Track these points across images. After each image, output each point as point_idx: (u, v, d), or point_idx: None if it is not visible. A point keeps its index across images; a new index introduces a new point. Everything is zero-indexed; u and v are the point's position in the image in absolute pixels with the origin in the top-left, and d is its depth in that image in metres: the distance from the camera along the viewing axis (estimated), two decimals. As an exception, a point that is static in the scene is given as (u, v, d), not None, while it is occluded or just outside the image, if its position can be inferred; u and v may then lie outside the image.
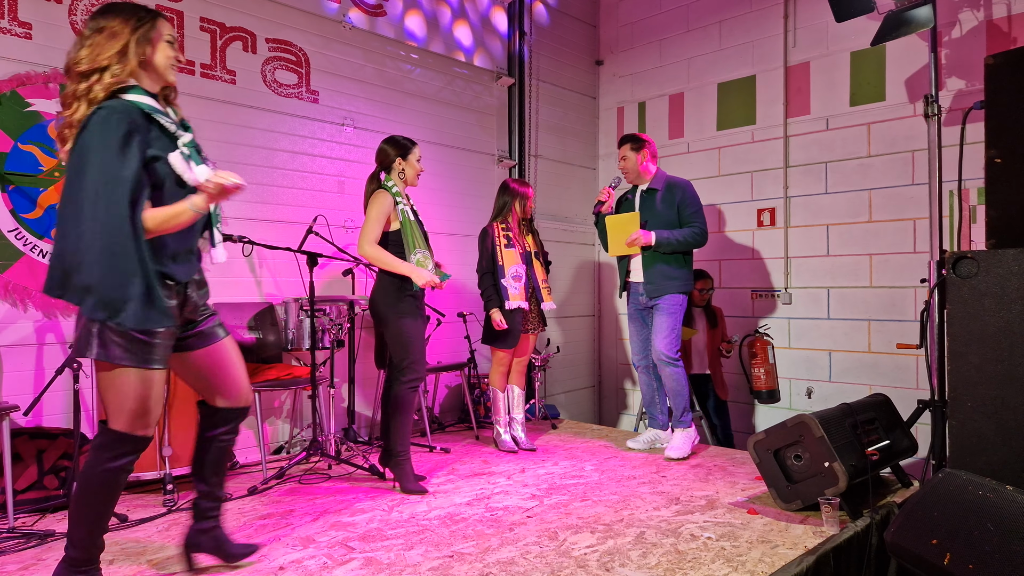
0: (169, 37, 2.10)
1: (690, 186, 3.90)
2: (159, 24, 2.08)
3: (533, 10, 5.70)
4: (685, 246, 3.78)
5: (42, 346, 3.28)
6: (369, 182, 3.31)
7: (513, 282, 3.86)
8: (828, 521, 2.61)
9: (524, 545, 2.48)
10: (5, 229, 3.17)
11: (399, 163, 3.26)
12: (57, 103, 3.32)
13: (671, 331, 3.74)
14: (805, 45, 4.96)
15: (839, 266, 4.78)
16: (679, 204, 3.82)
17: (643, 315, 3.94)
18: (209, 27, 3.85)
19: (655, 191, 3.87)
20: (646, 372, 3.99)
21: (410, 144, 3.32)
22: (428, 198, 4.91)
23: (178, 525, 2.75)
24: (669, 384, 3.79)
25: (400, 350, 3.16)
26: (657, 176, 3.92)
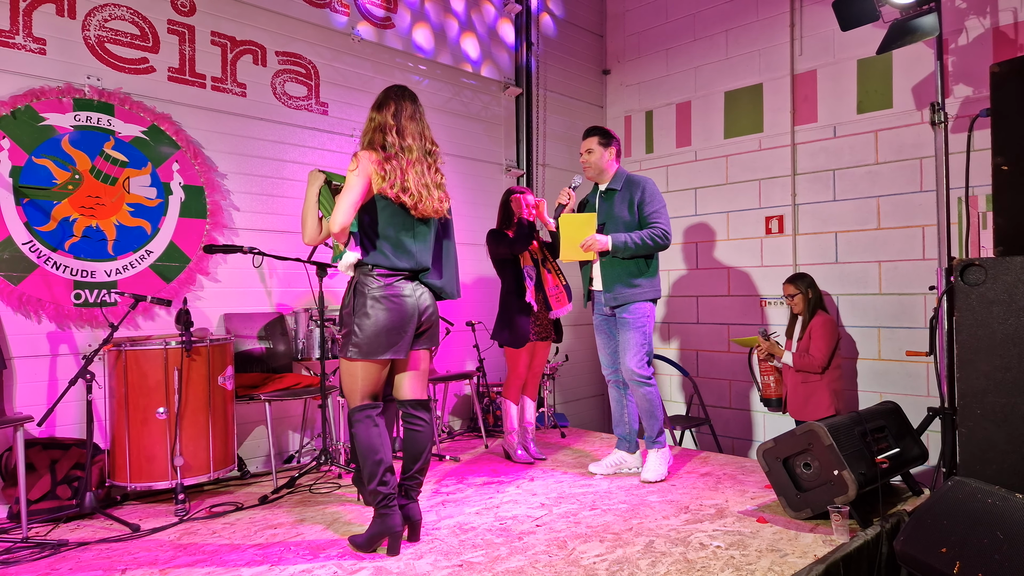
0: None
1: (650, 183, 3.56)
2: None
3: (540, 21, 5.74)
4: (645, 249, 3.43)
5: (55, 357, 3.31)
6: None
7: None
8: (838, 530, 2.60)
9: (533, 554, 2.49)
10: (20, 241, 3.22)
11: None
12: (71, 117, 3.37)
13: (640, 347, 3.44)
14: (812, 53, 4.97)
15: (848, 273, 4.77)
16: (638, 203, 3.49)
17: (608, 325, 3.63)
18: (220, 41, 3.90)
19: (614, 191, 3.56)
20: (616, 387, 3.69)
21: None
22: (436, 208, 4.94)
23: (190, 534, 2.77)
24: (642, 405, 3.49)
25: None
26: (618, 174, 3.60)
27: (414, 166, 2.56)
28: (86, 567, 2.47)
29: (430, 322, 2.67)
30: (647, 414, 3.52)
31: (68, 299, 3.34)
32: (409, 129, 2.60)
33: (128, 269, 3.54)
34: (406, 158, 2.56)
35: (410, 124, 2.61)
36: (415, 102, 2.68)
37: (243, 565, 2.44)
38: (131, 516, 2.99)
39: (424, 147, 2.63)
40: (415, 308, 2.59)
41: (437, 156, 2.68)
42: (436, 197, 2.61)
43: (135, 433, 3.13)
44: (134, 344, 3.16)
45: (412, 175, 2.54)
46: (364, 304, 2.50)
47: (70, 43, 3.40)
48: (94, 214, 3.43)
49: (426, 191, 2.57)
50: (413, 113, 2.64)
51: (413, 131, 2.61)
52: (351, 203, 2.47)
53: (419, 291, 2.62)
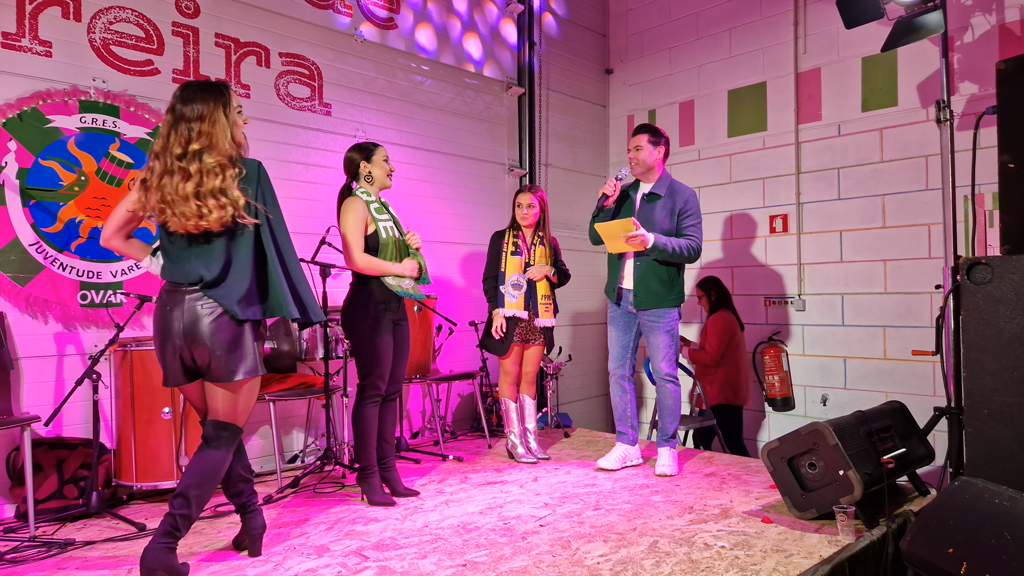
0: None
1: (694, 195, 3.65)
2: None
3: (542, 21, 5.75)
4: (677, 258, 3.52)
5: (62, 357, 3.33)
6: (340, 195, 3.25)
7: (512, 290, 3.83)
8: (843, 530, 2.59)
9: (537, 554, 2.48)
10: (27, 243, 3.24)
11: (364, 167, 3.19)
12: (77, 119, 3.39)
13: (670, 348, 3.59)
14: (815, 51, 4.95)
15: (853, 272, 4.75)
16: (680, 211, 3.57)
17: (627, 320, 3.69)
18: (224, 43, 3.92)
19: (657, 196, 3.61)
20: (622, 381, 3.74)
21: (373, 146, 3.24)
22: (439, 207, 4.95)
23: (196, 533, 2.78)
24: (667, 403, 3.62)
25: (366, 365, 3.12)
26: (662, 178, 3.66)
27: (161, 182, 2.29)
28: (92, 566, 2.48)
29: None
30: (670, 412, 3.64)
31: (75, 300, 3.36)
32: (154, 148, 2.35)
33: (133, 270, 3.55)
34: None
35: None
36: (170, 109, 2.34)
37: (248, 565, 2.45)
38: (137, 515, 3.00)
39: (172, 153, 2.29)
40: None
41: (193, 158, 2.27)
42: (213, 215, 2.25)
43: (141, 433, 3.15)
44: (140, 344, 3.18)
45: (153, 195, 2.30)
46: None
47: (76, 45, 3.42)
48: (100, 215, 3.45)
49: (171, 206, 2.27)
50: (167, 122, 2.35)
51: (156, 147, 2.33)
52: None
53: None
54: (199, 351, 2.28)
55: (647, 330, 3.63)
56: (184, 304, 2.29)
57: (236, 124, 2.39)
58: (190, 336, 2.28)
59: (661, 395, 3.66)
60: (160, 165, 2.28)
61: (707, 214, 5.50)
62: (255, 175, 2.38)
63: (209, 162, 2.27)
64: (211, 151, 2.28)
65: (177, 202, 2.25)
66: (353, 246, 3.06)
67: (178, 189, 2.25)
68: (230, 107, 2.36)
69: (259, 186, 2.39)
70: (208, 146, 2.28)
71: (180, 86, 2.37)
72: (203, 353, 2.28)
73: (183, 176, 2.25)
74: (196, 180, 2.25)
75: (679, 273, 3.65)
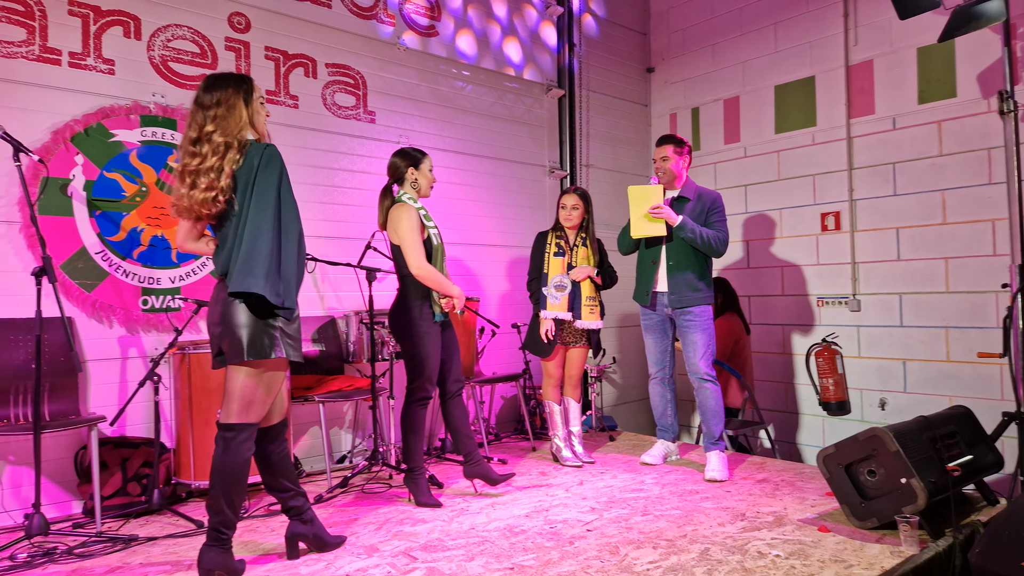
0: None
1: (720, 198, 3.84)
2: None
3: (582, 22, 5.73)
4: (704, 245, 3.65)
5: (125, 360, 3.48)
6: (382, 197, 3.28)
7: (555, 292, 3.81)
8: (906, 540, 2.49)
9: (585, 559, 2.47)
10: (93, 251, 3.39)
11: (411, 173, 3.23)
12: (139, 133, 3.54)
13: (707, 347, 3.65)
14: (867, 43, 4.80)
15: (912, 271, 4.58)
16: (708, 211, 3.74)
17: (664, 326, 3.84)
18: (273, 55, 4.03)
19: (686, 199, 3.77)
20: (661, 383, 3.91)
21: (421, 155, 3.29)
22: (481, 210, 4.98)
23: (251, 531, 2.86)
24: (709, 404, 3.67)
25: (416, 368, 3.16)
26: (688, 184, 3.83)
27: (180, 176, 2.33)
28: (155, 561, 2.58)
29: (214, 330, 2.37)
30: (713, 414, 3.67)
31: (136, 305, 3.50)
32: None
33: (190, 276, 3.68)
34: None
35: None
36: (194, 99, 2.37)
37: (300, 563, 2.50)
38: (195, 513, 3.10)
39: (188, 138, 2.33)
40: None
41: (204, 140, 2.28)
42: (190, 196, 2.25)
43: (198, 433, 3.26)
44: (196, 348, 3.29)
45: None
46: None
47: (137, 63, 3.57)
48: (159, 224, 3.59)
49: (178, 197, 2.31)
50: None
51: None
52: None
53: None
54: (219, 334, 2.33)
55: (684, 330, 3.71)
56: (216, 292, 2.38)
57: (257, 113, 2.41)
58: (214, 320, 2.34)
59: (702, 396, 3.69)
60: (182, 153, 2.34)
61: (754, 212, 5.40)
62: (256, 159, 2.30)
63: (218, 140, 2.27)
64: (220, 133, 2.29)
65: (178, 184, 2.29)
66: (416, 252, 3.08)
67: (183, 170, 2.29)
68: (251, 96, 2.38)
69: (256, 170, 2.29)
70: (218, 129, 2.29)
71: (205, 79, 2.40)
72: (222, 336, 2.31)
73: (191, 157, 2.29)
74: (200, 159, 2.27)
75: (709, 271, 3.80)
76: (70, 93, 3.36)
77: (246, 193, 2.28)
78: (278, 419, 2.52)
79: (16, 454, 3.15)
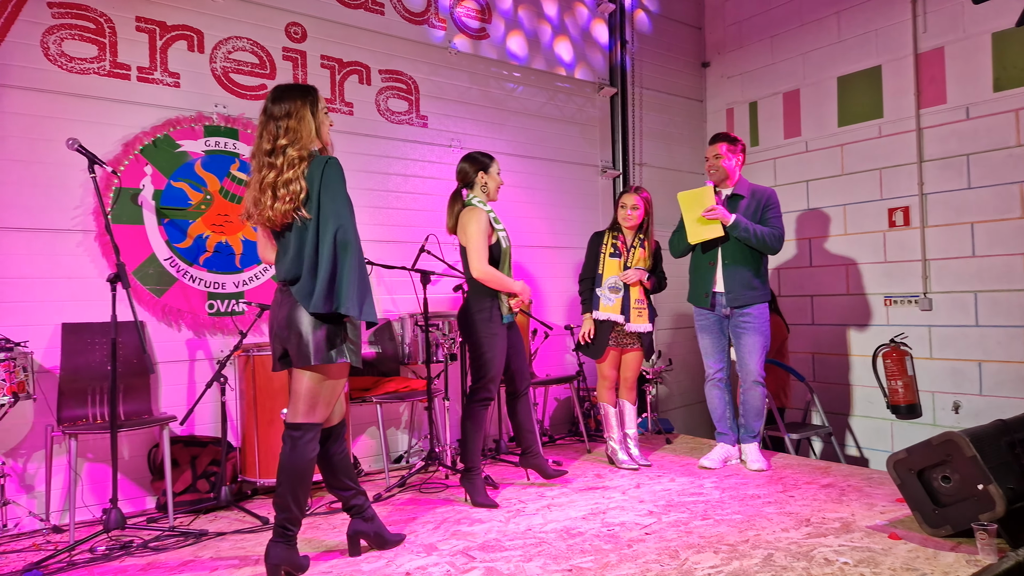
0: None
1: (775, 193, 3.81)
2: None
3: (634, 19, 5.66)
4: (759, 243, 3.63)
5: (193, 362, 3.62)
6: (452, 201, 3.35)
7: (609, 293, 3.78)
8: (984, 549, 2.37)
9: (644, 563, 2.43)
10: (162, 258, 3.54)
11: (481, 177, 3.29)
12: (203, 143, 3.67)
13: (763, 349, 3.69)
14: (937, 30, 4.58)
15: (988, 268, 4.34)
16: (763, 208, 3.72)
17: (721, 326, 3.80)
18: (328, 63, 4.12)
19: (740, 197, 3.75)
20: (719, 385, 3.84)
21: (489, 159, 3.35)
22: (533, 212, 4.97)
23: (313, 528, 2.93)
24: (756, 404, 3.73)
25: (481, 368, 3.20)
26: (741, 182, 3.81)
27: (252, 182, 2.43)
28: (224, 556, 2.67)
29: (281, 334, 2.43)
30: (757, 412, 3.75)
31: (203, 309, 3.63)
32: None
33: (253, 280, 3.80)
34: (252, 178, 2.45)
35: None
36: (263, 111, 2.45)
37: (362, 560, 2.55)
38: (261, 509, 3.20)
39: (261, 149, 2.40)
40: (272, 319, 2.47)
41: (279, 152, 2.36)
42: (275, 208, 2.34)
43: (263, 433, 3.36)
44: (260, 350, 3.40)
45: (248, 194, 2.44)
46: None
47: (200, 75, 3.71)
48: (223, 231, 3.72)
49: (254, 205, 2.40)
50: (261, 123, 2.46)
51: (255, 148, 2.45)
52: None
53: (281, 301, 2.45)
54: (285, 337, 2.39)
55: (740, 332, 3.72)
56: (279, 296, 2.46)
57: (323, 123, 2.49)
58: (280, 325, 2.41)
59: (750, 396, 3.73)
60: (255, 164, 2.43)
61: (816, 208, 5.22)
62: (318, 171, 2.37)
63: (292, 154, 2.35)
64: (295, 146, 2.37)
65: (260, 195, 2.37)
66: (479, 255, 3.15)
67: (263, 181, 2.36)
68: (317, 106, 2.46)
69: (320, 182, 2.36)
70: (293, 141, 2.37)
71: (271, 89, 2.49)
72: (288, 339, 2.38)
73: (269, 169, 2.36)
74: (277, 171, 2.34)
75: (765, 268, 3.79)
76: (139, 106, 3.52)
77: (307, 204, 2.36)
78: (338, 420, 2.58)
79: (94, 452, 3.31)
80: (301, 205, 2.35)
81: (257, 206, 2.39)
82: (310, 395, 2.39)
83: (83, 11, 3.38)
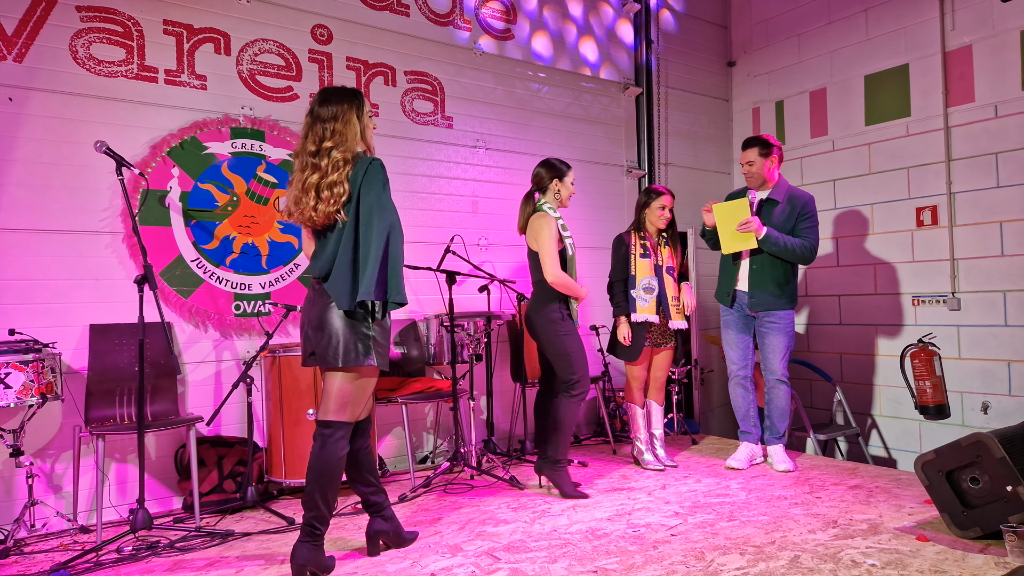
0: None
1: (812, 201, 3.75)
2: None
3: (660, 18, 5.63)
4: (790, 255, 3.63)
5: (219, 363, 3.66)
6: (524, 202, 3.47)
7: (644, 294, 3.78)
8: (1013, 552, 2.34)
9: (670, 564, 2.42)
10: (189, 259, 3.59)
11: (555, 184, 3.41)
12: (229, 145, 3.72)
13: (787, 350, 3.71)
14: (966, 27, 4.51)
15: (1017, 267, 4.27)
16: (798, 216, 3.69)
17: (746, 322, 3.81)
18: (354, 65, 4.15)
19: (775, 202, 3.73)
20: (743, 383, 3.84)
21: (566, 167, 3.46)
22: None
23: (339, 528, 2.96)
24: (780, 404, 3.74)
25: (567, 366, 3.30)
26: (779, 185, 3.77)
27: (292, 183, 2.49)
28: (250, 555, 2.70)
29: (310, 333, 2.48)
30: (782, 413, 3.75)
31: (229, 310, 3.68)
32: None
33: (279, 281, 3.84)
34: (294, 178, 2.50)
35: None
36: (309, 112, 2.51)
37: (387, 561, 2.57)
38: (287, 510, 3.23)
39: (307, 150, 2.45)
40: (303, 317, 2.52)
41: (324, 154, 2.40)
42: (320, 209, 2.39)
43: (289, 433, 3.39)
44: (286, 351, 3.43)
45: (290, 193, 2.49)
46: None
47: (226, 78, 3.75)
48: (250, 232, 3.76)
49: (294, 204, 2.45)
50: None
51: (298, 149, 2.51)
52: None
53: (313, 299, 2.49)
54: (316, 337, 2.42)
55: (764, 332, 3.73)
56: (312, 294, 2.49)
57: (367, 127, 2.54)
58: (311, 323, 2.44)
59: (775, 396, 3.74)
60: (298, 163, 2.47)
61: (843, 208, 5.16)
62: (360, 173, 2.41)
63: (336, 156, 2.39)
64: (340, 148, 2.41)
65: (302, 195, 2.41)
66: (552, 261, 3.27)
67: (306, 182, 2.40)
68: (363, 110, 2.50)
69: (361, 182, 2.40)
70: (338, 143, 2.41)
71: (318, 91, 2.54)
72: (318, 339, 2.41)
73: (313, 170, 2.40)
74: (322, 173, 2.39)
75: (794, 275, 3.76)
76: (166, 108, 3.56)
77: (347, 205, 2.40)
78: (365, 415, 2.60)
79: (121, 452, 3.36)
80: (342, 207, 2.40)
81: (298, 205, 2.43)
82: (341, 394, 2.42)
83: (111, 15, 3.43)
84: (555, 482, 3.33)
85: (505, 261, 4.66)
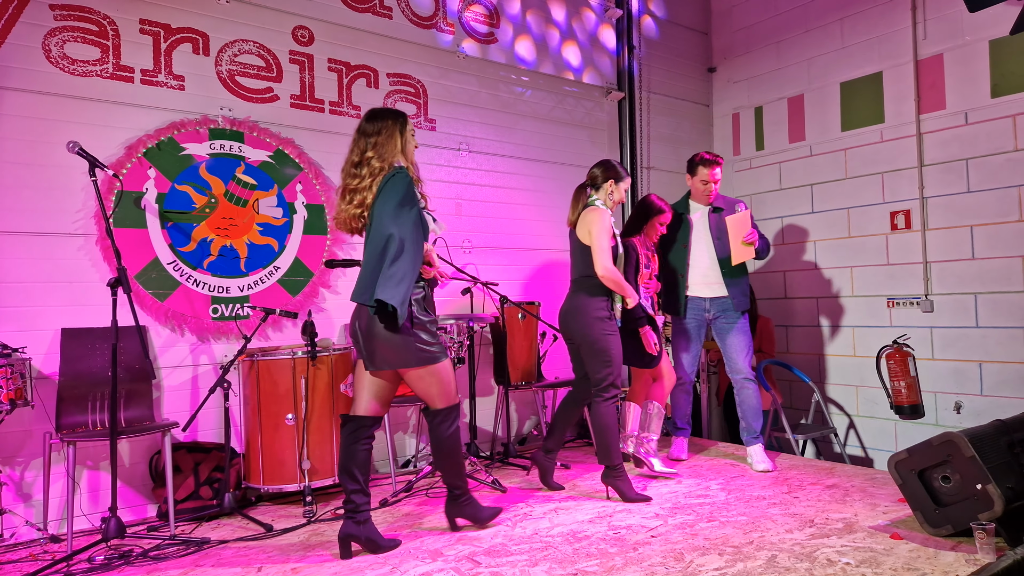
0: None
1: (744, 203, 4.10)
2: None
3: (642, 24, 5.67)
4: (763, 253, 4.00)
5: (196, 367, 3.61)
6: (576, 194, 3.47)
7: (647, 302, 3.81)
8: (982, 548, 2.39)
9: (649, 566, 2.44)
10: (165, 262, 3.54)
11: (610, 185, 3.40)
12: (207, 146, 3.68)
13: (751, 348, 3.87)
14: (937, 37, 4.60)
15: (987, 270, 4.36)
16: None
17: (700, 330, 3.97)
18: (336, 67, 4.13)
19: (721, 209, 3.96)
20: (688, 387, 4.05)
21: (624, 173, 3.47)
22: (540, 215, 4.98)
23: (318, 535, 2.94)
24: (751, 403, 3.84)
25: (603, 366, 3.26)
26: (718, 195, 4.04)
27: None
28: (227, 563, 2.66)
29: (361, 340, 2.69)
30: (755, 411, 3.84)
31: (207, 313, 3.63)
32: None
33: (258, 284, 3.80)
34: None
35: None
36: (357, 129, 2.76)
37: (367, 567, 2.55)
38: (265, 516, 3.20)
39: (350, 161, 2.72)
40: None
41: (365, 163, 2.67)
42: (345, 210, 2.69)
43: (267, 438, 3.35)
44: (265, 355, 3.39)
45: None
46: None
47: (205, 78, 3.71)
48: (228, 234, 3.72)
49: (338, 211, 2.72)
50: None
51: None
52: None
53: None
54: (370, 353, 2.64)
55: (726, 332, 3.88)
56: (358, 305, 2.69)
57: (408, 142, 2.75)
58: (362, 336, 2.65)
59: (745, 396, 3.85)
60: (343, 174, 2.72)
61: (821, 212, 5.24)
62: (384, 182, 2.61)
63: (375, 165, 2.63)
64: (379, 158, 2.64)
65: (340, 201, 2.68)
66: (605, 255, 3.24)
67: (345, 188, 2.67)
68: (406, 128, 2.74)
69: (382, 192, 2.61)
70: (379, 155, 2.64)
71: (366, 112, 2.80)
72: (371, 354, 2.64)
73: (352, 178, 2.67)
74: (359, 179, 2.63)
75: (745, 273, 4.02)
76: (142, 109, 3.51)
77: (371, 211, 2.64)
78: (382, 413, 2.80)
79: (94, 459, 3.28)
80: (366, 211, 2.62)
81: (338, 211, 2.70)
82: (423, 390, 2.72)
83: (86, 13, 3.37)
84: (617, 488, 3.26)
85: (488, 263, 4.66)
